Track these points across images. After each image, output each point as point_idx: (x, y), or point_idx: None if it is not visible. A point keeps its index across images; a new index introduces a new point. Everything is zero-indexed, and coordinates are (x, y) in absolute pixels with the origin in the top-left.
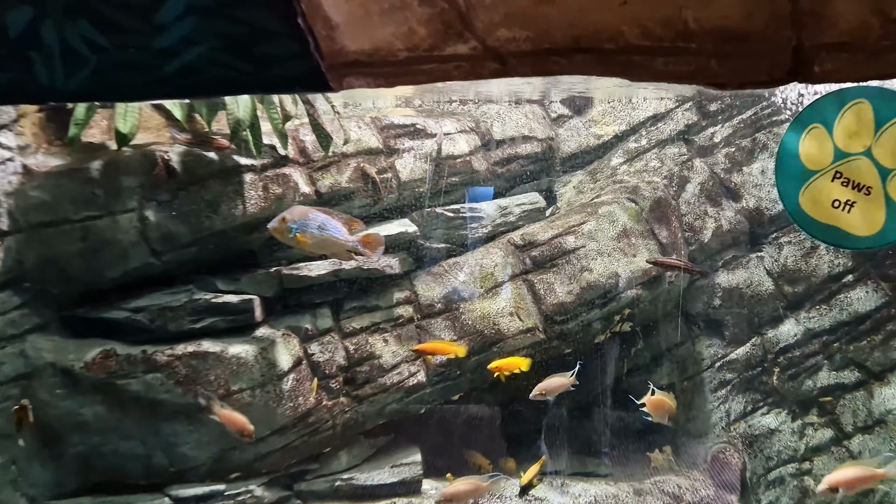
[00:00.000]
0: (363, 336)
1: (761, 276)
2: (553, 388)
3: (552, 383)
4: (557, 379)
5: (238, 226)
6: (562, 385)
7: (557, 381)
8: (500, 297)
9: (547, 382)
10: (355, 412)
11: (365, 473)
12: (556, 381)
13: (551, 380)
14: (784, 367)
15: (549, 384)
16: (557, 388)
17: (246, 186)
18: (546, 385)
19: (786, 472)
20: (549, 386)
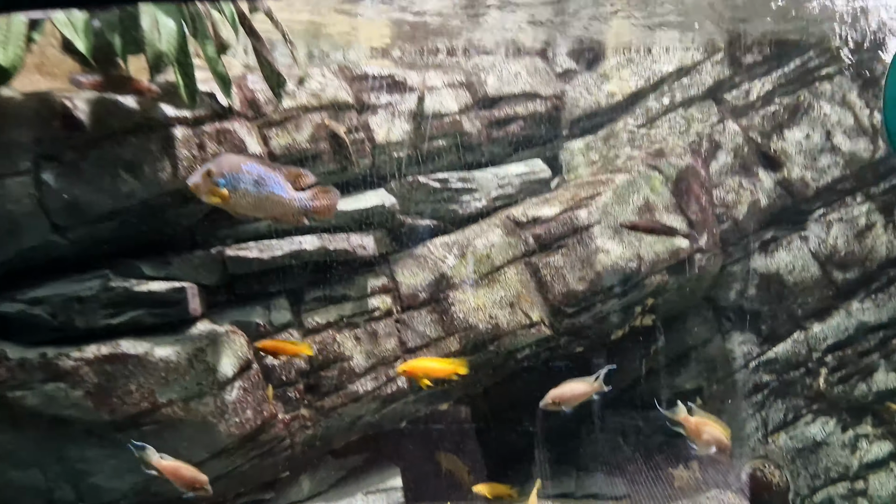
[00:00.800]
0: (329, 333)
1: (806, 260)
2: (571, 397)
3: (570, 390)
4: (577, 384)
5: (167, 195)
6: (583, 393)
7: (577, 388)
8: (497, 285)
9: (563, 389)
10: (320, 427)
11: (332, 503)
12: (575, 387)
13: (569, 385)
14: (833, 367)
15: (565, 391)
16: (577, 396)
17: (177, 144)
18: (561, 393)
19: (835, 492)
20: (565, 394)
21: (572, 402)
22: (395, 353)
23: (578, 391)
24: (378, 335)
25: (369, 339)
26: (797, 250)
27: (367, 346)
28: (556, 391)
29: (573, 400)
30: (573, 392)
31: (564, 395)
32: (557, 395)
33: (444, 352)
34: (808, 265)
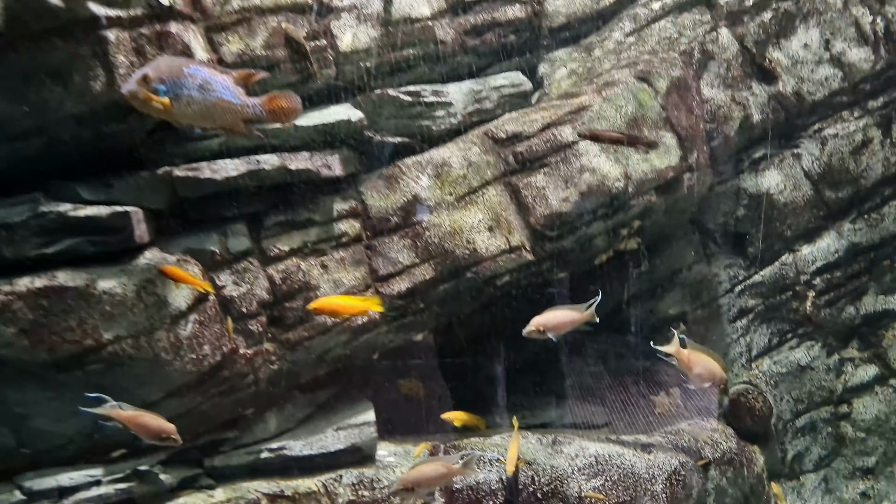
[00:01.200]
0: (293, 261)
1: (798, 179)
2: (557, 324)
3: (556, 318)
4: (565, 312)
5: (103, 107)
6: (570, 321)
7: (564, 315)
8: (475, 208)
9: (549, 316)
10: (286, 361)
11: (300, 440)
12: (562, 314)
13: (556, 312)
14: (821, 290)
15: (551, 318)
16: (564, 324)
17: (110, 49)
18: (547, 319)
19: (818, 416)
20: (550, 321)
21: (558, 329)
22: (365, 281)
23: (565, 319)
24: (346, 262)
25: (337, 266)
26: (789, 168)
27: (335, 275)
28: (542, 318)
29: (559, 328)
30: (559, 319)
31: (550, 322)
32: (542, 321)
33: (418, 279)
34: (800, 184)
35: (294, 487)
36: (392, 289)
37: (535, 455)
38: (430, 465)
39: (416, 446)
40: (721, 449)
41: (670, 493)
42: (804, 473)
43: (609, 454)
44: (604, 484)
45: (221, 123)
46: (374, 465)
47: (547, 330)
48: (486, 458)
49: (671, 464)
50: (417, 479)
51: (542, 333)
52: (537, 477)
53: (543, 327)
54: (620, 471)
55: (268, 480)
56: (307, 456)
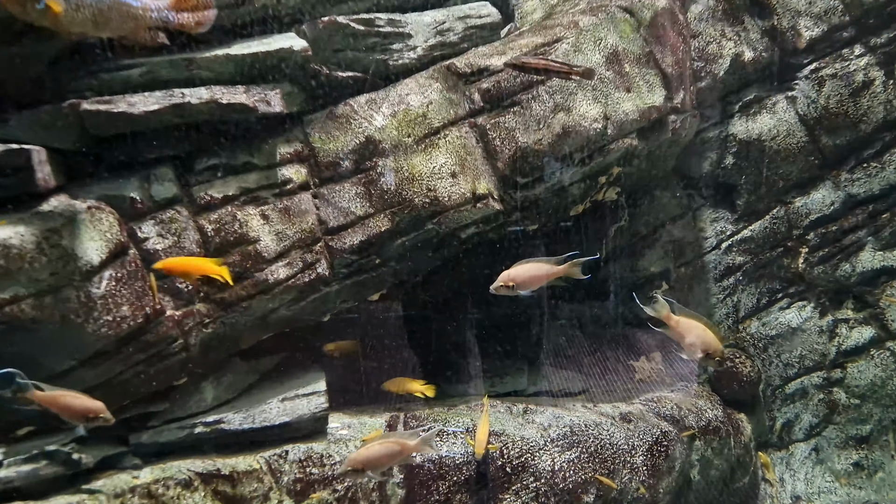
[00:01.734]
0: (228, 210)
1: (791, 124)
2: (528, 279)
3: (527, 271)
4: (536, 265)
5: None
6: (543, 275)
7: (535, 269)
8: (437, 151)
9: (519, 269)
10: (222, 324)
11: (241, 413)
12: (533, 267)
13: (527, 266)
14: (814, 246)
15: (521, 272)
16: (535, 278)
17: None
18: (517, 274)
19: (810, 382)
20: (521, 275)
21: (530, 285)
22: (313, 234)
23: (538, 273)
24: (291, 212)
25: (281, 217)
26: (782, 112)
27: (279, 226)
28: (511, 272)
29: (530, 283)
30: (530, 273)
31: (520, 276)
32: (512, 276)
33: (372, 231)
34: (794, 130)
35: (232, 465)
36: (343, 242)
37: (504, 425)
38: (383, 442)
39: (372, 417)
40: (706, 417)
41: (651, 465)
42: (794, 443)
43: (585, 424)
44: (579, 456)
45: (120, 32)
46: (325, 440)
47: (517, 286)
48: (451, 431)
49: (652, 434)
50: (367, 459)
51: (512, 289)
52: (506, 449)
53: (513, 282)
54: (597, 442)
55: (203, 458)
56: (248, 430)
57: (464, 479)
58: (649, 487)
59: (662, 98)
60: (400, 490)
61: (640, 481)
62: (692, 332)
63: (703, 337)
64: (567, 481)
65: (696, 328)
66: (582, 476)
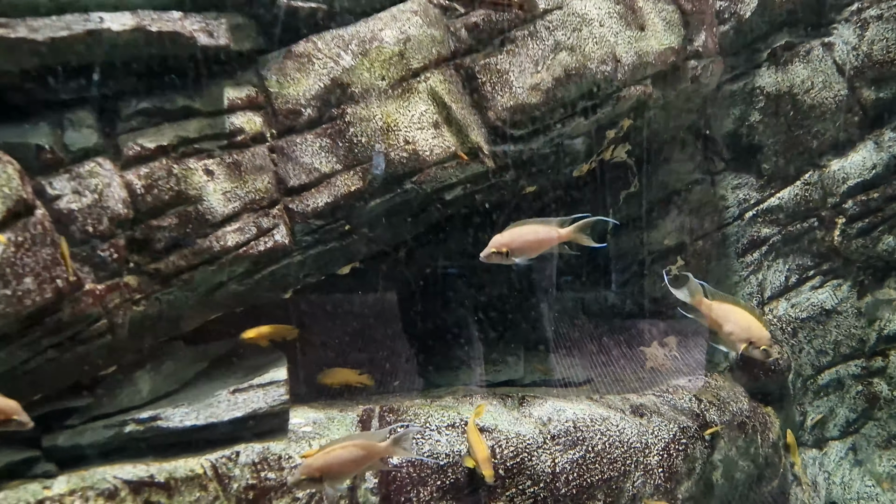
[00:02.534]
0: (164, 163)
1: (828, 74)
2: (525, 244)
3: (524, 236)
4: (535, 228)
5: None
6: (543, 239)
7: (535, 233)
8: (416, 98)
9: (515, 233)
10: (157, 301)
11: (183, 407)
12: (531, 231)
13: (523, 228)
14: (852, 216)
15: (517, 237)
16: (534, 243)
17: None
18: (512, 238)
19: (846, 372)
20: (517, 240)
21: (526, 251)
22: (269, 194)
23: (536, 237)
24: (243, 168)
25: (229, 173)
26: (818, 62)
27: (226, 184)
28: (506, 234)
29: (528, 248)
30: (528, 237)
31: (516, 240)
32: (506, 240)
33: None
34: (831, 81)
35: (170, 471)
36: (306, 204)
37: (497, 420)
38: (346, 444)
39: (343, 411)
40: (730, 411)
41: (668, 466)
42: (828, 441)
43: (591, 418)
44: (584, 456)
45: None
46: (285, 438)
47: (512, 252)
48: (433, 426)
49: (669, 430)
50: (326, 466)
51: (506, 257)
52: (499, 448)
53: (507, 248)
54: (605, 439)
55: (134, 463)
56: (191, 428)
57: (449, 483)
58: (666, 493)
59: (681, 39)
60: (373, 497)
61: (656, 486)
62: (731, 318)
63: (743, 324)
64: (570, 485)
65: (735, 314)
66: (587, 479)
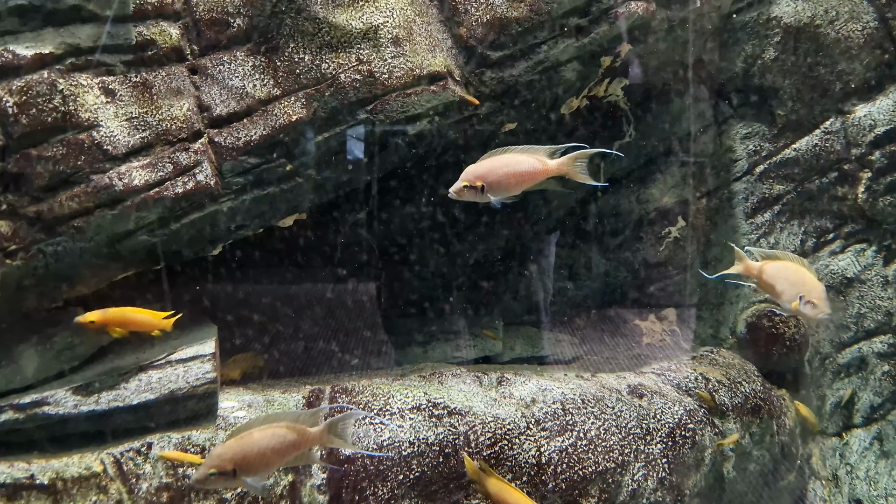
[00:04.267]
0: (45, 76)
1: (856, 2)
2: (504, 178)
3: (503, 166)
4: (517, 158)
5: None
6: (527, 172)
7: (517, 163)
8: (371, 7)
9: (492, 164)
10: (41, 254)
11: (76, 395)
12: (513, 161)
13: (501, 159)
14: (880, 169)
15: (495, 167)
16: (516, 176)
17: None
18: (488, 168)
19: (870, 349)
20: (494, 171)
21: (507, 186)
22: (189, 124)
23: (518, 168)
24: (155, 91)
25: (137, 95)
26: None
27: (132, 108)
28: (480, 165)
29: (508, 183)
30: (507, 169)
31: (492, 172)
32: (480, 171)
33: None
34: (859, 11)
35: (58, 470)
36: (237, 137)
37: (471, 401)
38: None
39: (285, 392)
40: (741, 392)
41: (674, 456)
42: (850, 429)
43: (582, 399)
44: (574, 444)
45: None
46: (212, 426)
47: (488, 187)
48: (395, 409)
49: (674, 413)
50: (240, 457)
51: (480, 193)
52: (473, 435)
53: (481, 181)
54: (599, 424)
55: (10, 461)
56: (88, 414)
57: (414, 477)
58: (671, 487)
59: None
60: (321, 496)
61: (660, 479)
62: (782, 276)
63: (794, 279)
64: (558, 478)
65: (786, 270)
66: (579, 471)
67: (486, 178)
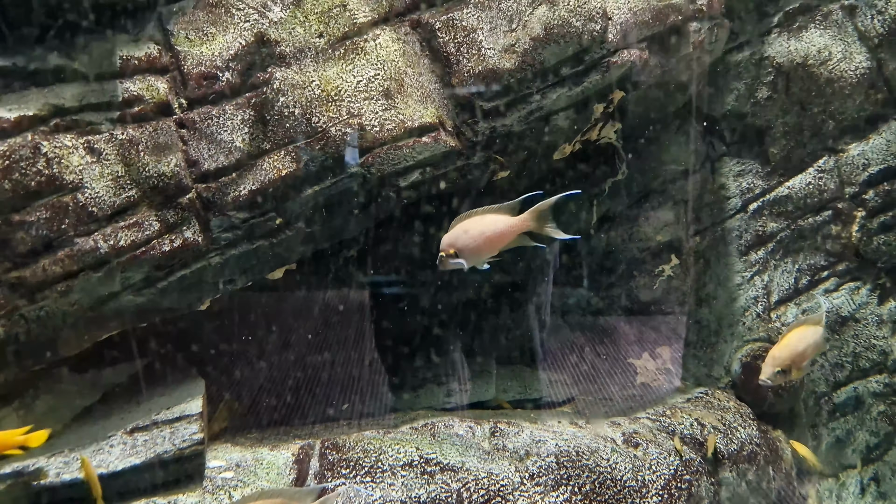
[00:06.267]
0: (29, 139)
1: (849, 43)
2: (475, 243)
3: (471, 231)
4: (485, 220)
5: None
6: (499, 231)
7: (485, 225)
8: (362, 60)
9: (461, 229)
10: (23, 320)
11: (62, 456)
12: (481, 224)
13: (471, 223)
14: (874, 209)
15: (463, 233)
16: (486, 242)
17: None
18: (455, 236)
19: (866, 389)
20: (462, 237)
21: (480, 251)
22: (177, 179)
23: (484, 233)
24: (141, 147)
25: (122, 153)
26: (837, 28)
27: (118, 167)
28: (452, 233)
29: (481, 248)
30: (476, 234)
31: (461, 238)
32: (451, 239)
33: (269, 176)
34: (852, 51)
35: None
36: (225, 193)
37: (464, 456)
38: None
39: (274, 450)
40: (737, 438)
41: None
42: (846, 469)
43: (577, 451)
44: (570, 499)
45: None
46: (199, 488)
47: (461, 254)
48: (386, 466)
49: (669, 464)
50: None
51: (454, 258)
52: (467, 492)
53: (454, 249)
54: (594, 477)
55: None
56: (71, 483)
57: None
58: None
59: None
60: None
61: None
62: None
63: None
64: None
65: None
66: None
67: (456, 245)
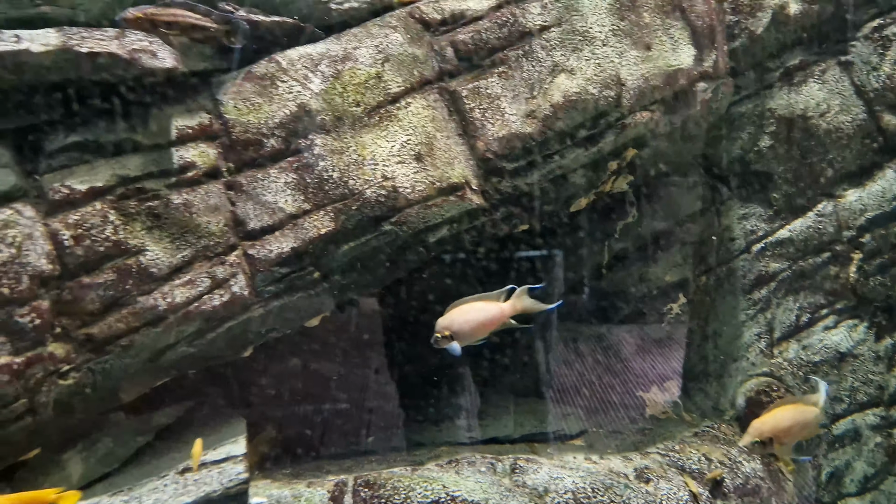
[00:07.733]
0: (98, 208)
1: (846, 96)
2: (468, 326)
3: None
4: (477, 308)
5: None
6: (487, 319)
7: (477, 311)
8: (395, 126)
9: (457, 314)
10: (90, 373)
11: (121, 495)
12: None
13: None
14: (871, 251)
15: (458, 317)
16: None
17: None
18: (452, 320)
19: (864, 421)
20: (457, 320)
21: (473, 334)
22: (225, 238)
23: (477, 318)
24: (194, 210)
25: (178, 216)
26: (835, 83)
27: (174, 230)
28: (448, 317)
29: (474, 331)
30: (470, 319)
31: (456, 321)
32: (446, 323)
33: (309, 234)
34: (849, 104)
35: None
36: (269, 250)
37: (487, 493)
38: None
39: (311, 486)
40: (742, 472)
41: None
42: (845, 498)
43: (592, 487)
44: None
45: None
46: None
47: (455, 336)
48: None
49: (678, 499)
50: None
51: (448, 340)
52: None
53: (449, 331)
54: None
55: None
56: None
57: None
58: None
59: (692, 59)
60: None
61: None
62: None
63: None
64: None
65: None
66: None
67: (451, 328)
